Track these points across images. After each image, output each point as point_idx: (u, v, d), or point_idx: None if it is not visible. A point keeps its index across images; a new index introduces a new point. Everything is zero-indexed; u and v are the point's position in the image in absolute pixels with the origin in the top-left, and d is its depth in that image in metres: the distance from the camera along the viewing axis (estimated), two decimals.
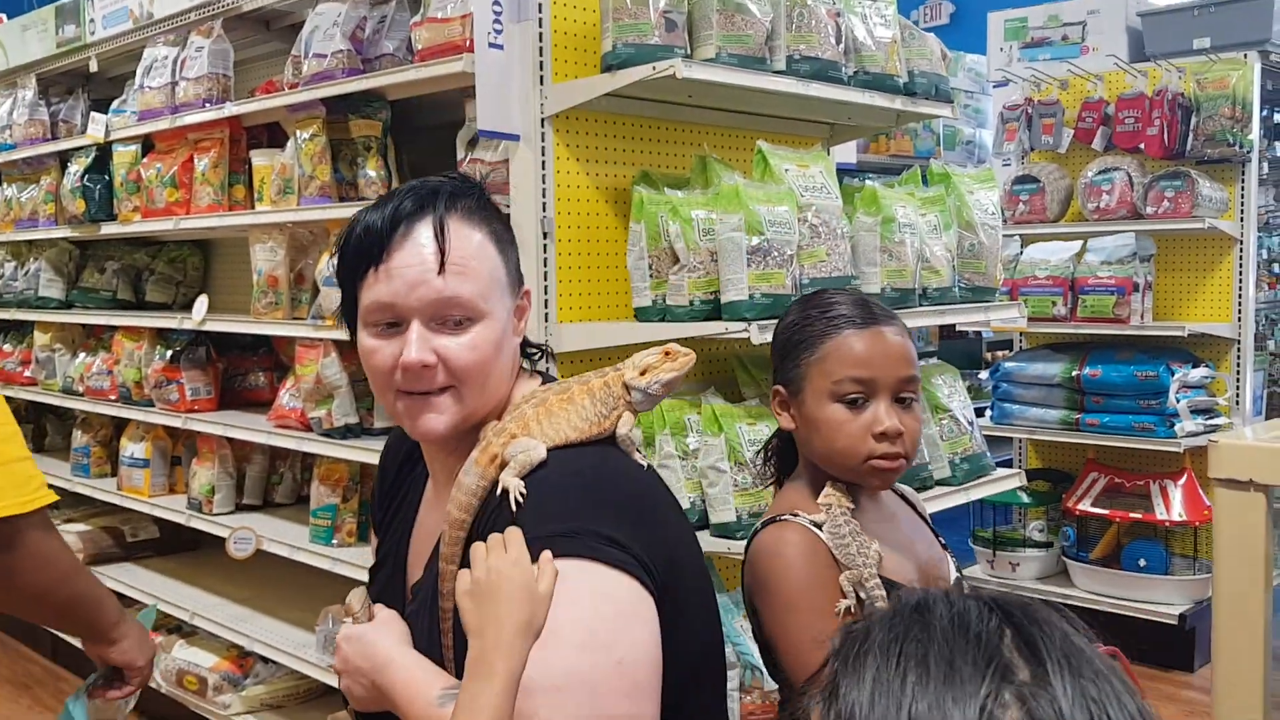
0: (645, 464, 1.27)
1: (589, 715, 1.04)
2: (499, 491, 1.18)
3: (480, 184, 1.34)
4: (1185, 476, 4.10)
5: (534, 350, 1.42)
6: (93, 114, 3.93)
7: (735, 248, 2.09)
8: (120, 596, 3.88)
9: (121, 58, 3.87)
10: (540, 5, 2.25)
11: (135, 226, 3.70)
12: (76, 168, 3.94)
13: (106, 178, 3.86)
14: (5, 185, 4.51)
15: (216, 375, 3.68)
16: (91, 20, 3.92)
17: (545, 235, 2.28)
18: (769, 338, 2.17)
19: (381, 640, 1.24)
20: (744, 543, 2.13)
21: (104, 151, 3.87)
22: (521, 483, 1.17)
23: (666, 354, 1.29)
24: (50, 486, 1.48)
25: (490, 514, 1.17)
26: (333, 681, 2.87)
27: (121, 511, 4.17)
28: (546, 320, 2.27)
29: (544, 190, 2.29)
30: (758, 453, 1.74)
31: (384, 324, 1.24)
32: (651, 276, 2.23)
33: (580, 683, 1.05)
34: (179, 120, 3.39)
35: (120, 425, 4.03)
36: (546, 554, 1.12)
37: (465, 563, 1.18)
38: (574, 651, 1.06)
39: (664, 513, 1.25)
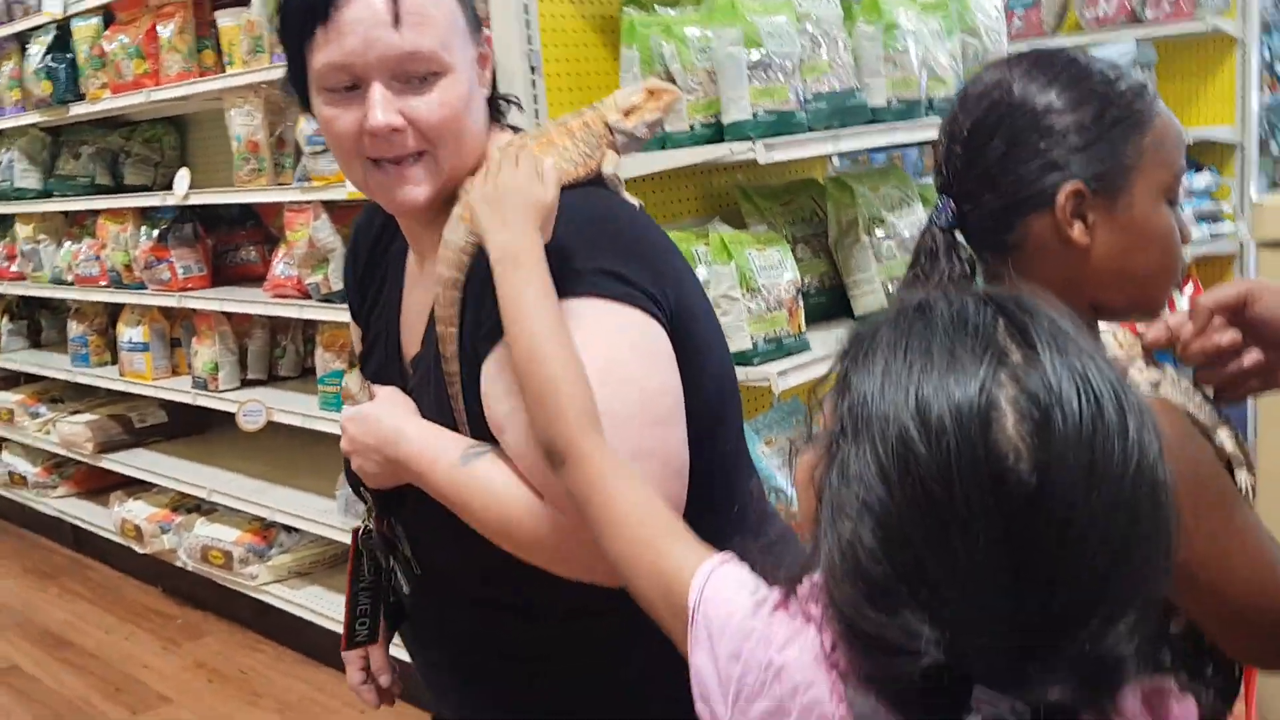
0: (636, 203, 1.20)
1: (618, 449, 1.00)
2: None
3: None
4: (1191, 286, 4.07)
5: (503, 101, 1.29)
6: None
7: (734, 64, 2.01)
8: (134, 481, 3.91)
9: None
10: None
11: (106, 104, 3.58)
12: (37, 48, 3.81)
13: (69, 55, 3.73)
14: None
15: (206, 252, 3.61)
16: None
17: (533, 70, 2.19)
18: (776, 156, 2.12)
19: (386, 415, 1.18)
20: (762, 368, 2.11)
21: (64, 29, 3.73)
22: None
23: (650, 93, 1.18)
24: (51, 379, 1.41)
25: (484, 270, 1.09)
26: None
27: (127, 398, 4.16)
28: None
29: (528, 23, 2.19)
30: None
31: (341, 88, 1.13)
32: None
33: (605, 417, 1.00)
34: None
35: (115, 311, 3.98)
36: (548, 163, 1.08)
37: (464, 326, 1.13)
38: (595, 388, 1.01)
39: (664, 247, 1.18)
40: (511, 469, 1.08)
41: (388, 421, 1.17)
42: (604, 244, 1.10)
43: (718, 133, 2.09)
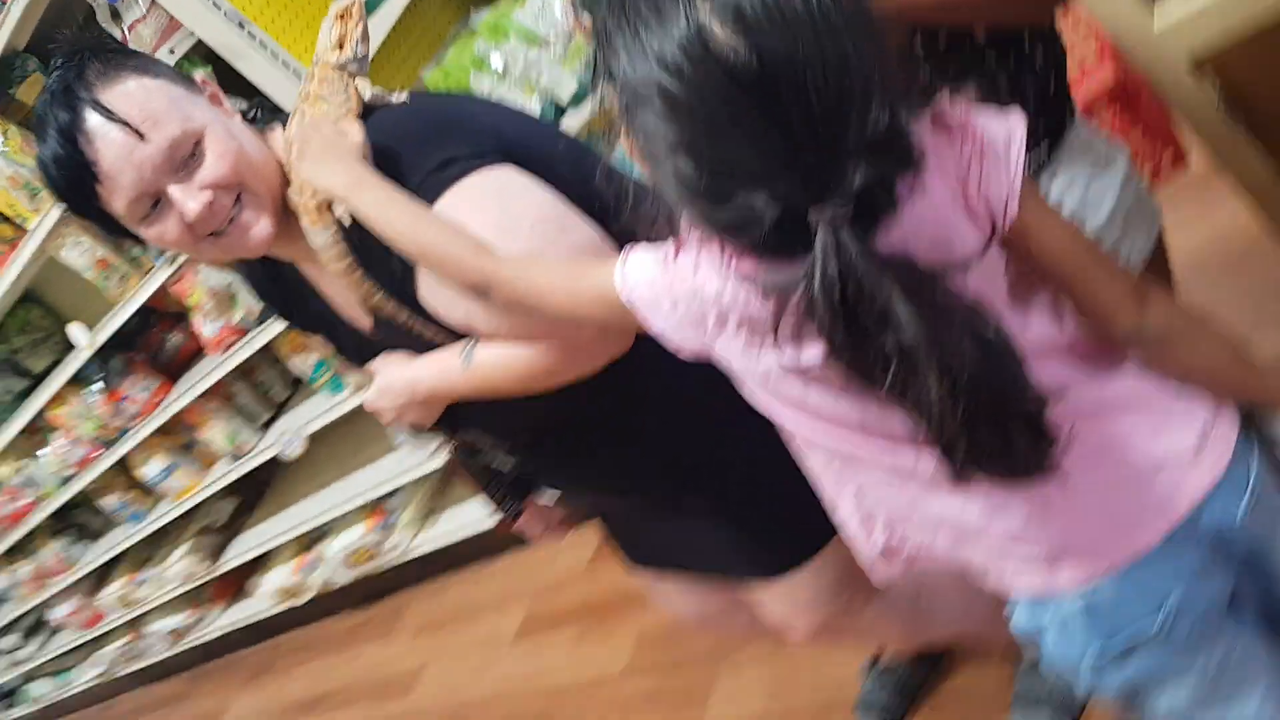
0: (405, 96, 1.32)
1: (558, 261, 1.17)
2: (344, 216, 1.24)
3: (86, 44, 1.30)
4: None
5: (249, 111, 1.42)
6: None
7: None
8: (256, 561, 4.23)
9: None
10: None
11: None
12: None
13: None
14: None
15: (146, 366, 3.79)
16: None
17: (241, 26, 2.30)
18: None
19: (395, 377, 1.35)
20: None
21: None
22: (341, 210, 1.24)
23: (341, 16, 1.28)
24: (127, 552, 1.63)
25: (358, 241, 1.23)
26: (435, 464, 3.20)
27: (194, 513, 4.42)
28: None
29: None
30: None
31: (148, 211, 1.27)
32: None
33: (531, 254, 1.17)
34: None
35: (125, 464, 4.19)
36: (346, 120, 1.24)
37: (384, 287, 1.28)
38: (512, 243, 1.16)
39: (463, 112, 1.33)
40: (496, 341, 1.25)
41: (400, 381, 1.35)
42: (420, 148, 1.23)
43: None
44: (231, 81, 2.39)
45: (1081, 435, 0.92)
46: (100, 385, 3.75)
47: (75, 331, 3.56)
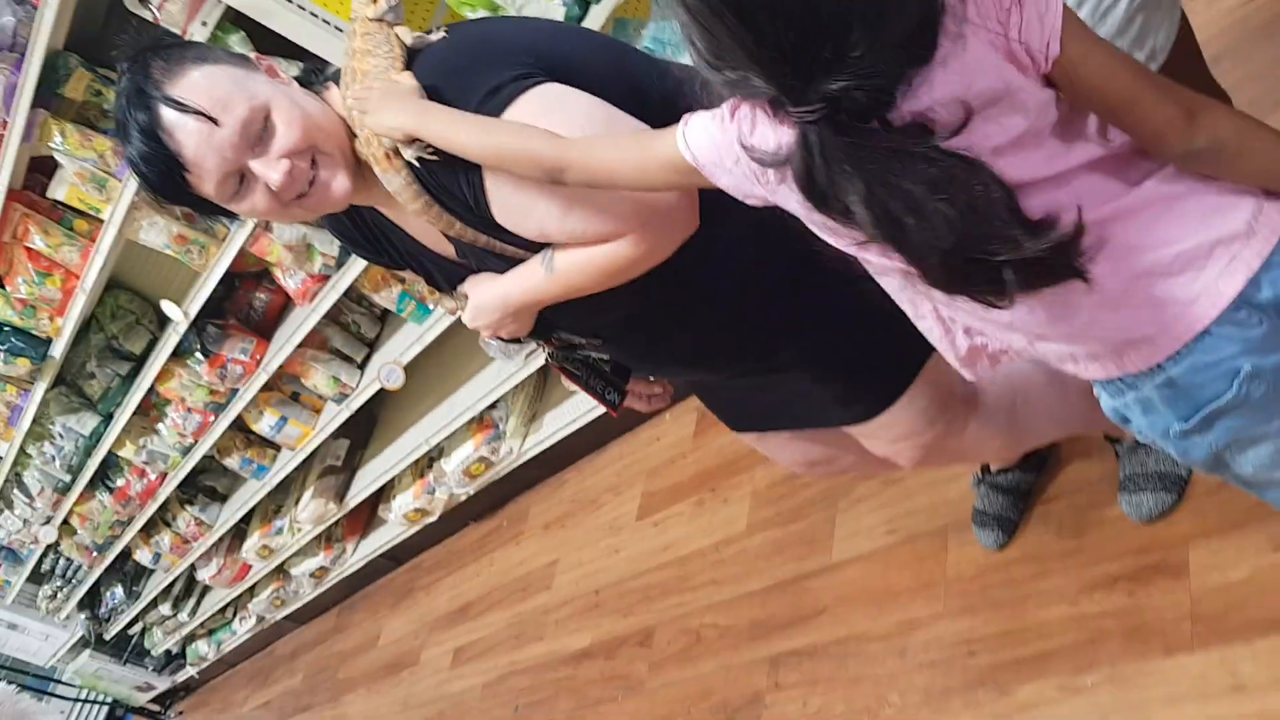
0: (442, 33, 1.38)
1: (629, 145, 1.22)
2: (412, 158, 1.30)
3: (146, 44, 1.37)
4: None
5: (303, 76, 1.49)
6: None
7: None
8: (379, 493, 4.42)
9: None
10: None
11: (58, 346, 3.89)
12: None
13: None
14: None
15: (240, 328, 3.95)
16: None
17: None
18: None
19: (486, 293, 1.42)
20: None
21: None
22: (420, 144, 1.29)
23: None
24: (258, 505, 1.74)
25: (430, 179, 1.32)
26: (530, 369, 3.30)
27: (312, 459, 4.63)
28: None
29: None
30: None
31: (236, 188, 1.36)
32: None
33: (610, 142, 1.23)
34: None
35: (240, 425, 4.37)
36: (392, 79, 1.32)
37: (461, 216, 1.36)
38: (571, 142, 1.22)
39: (503, 36, 1.40)
40: (572, 245, 1.31)
41: (490, 297, 1.43)
42: (466, 81, 1.29)
43: None
44: (270, 44, 2.46)
45: (1128, 231, 0.99)
46: (201, 354, 3.91)
47: (168, 307, 3.71)
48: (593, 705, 3.20)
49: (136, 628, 6.95)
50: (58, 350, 4.08)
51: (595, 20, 2.30)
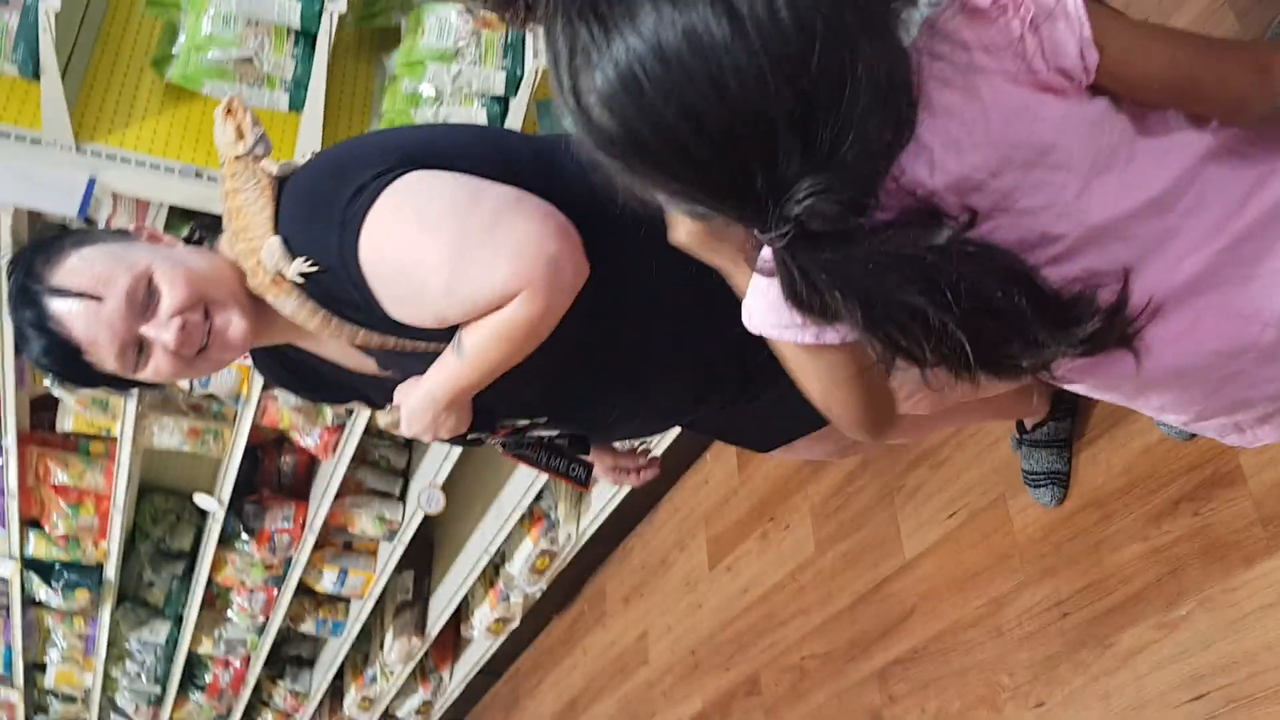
0: (303, 158, 1.40)
1: (486, 227, 1.24)
2: (295, 277, 1.32)
3: (26, 246, 1.42)
4: None
5: (191, 234, 1.52)
6: None
7: None
8: (458, 611, 4.41)
9: None
10: None
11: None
12: None
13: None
14: None
15: (274, 496, 3.97)
16: None
17: None
18: None
19: (414, 397, 1.40)
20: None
21: None
22: (300, 262, 1.31)
23: (227, 113, 1.38)
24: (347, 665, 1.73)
25: (322, 280, 1.31)
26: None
27: (380, 604, 4.63)
28: None
29: None
30: None
31: (135, 359, 1.36)
32: None
33: (468, 239, 1.24)
34: None
35: (303, 588, 4.37)
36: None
37: (362, 323, 1.35)
38: (438, 233, 1.25)
39: (367, 144, 1.44)
40: (474, 323, 1.29)
41: (417, 399, 1.39)
42: (332, 192, 1.30)
43: None
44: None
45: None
46: (246, 534, 3.93)
47: (202, 500, 3.74)
48: None
49: None
50: (110, 572, 4.11)
51: (516, 111, 2.32)
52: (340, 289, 1.31)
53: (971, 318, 0.79)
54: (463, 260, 1.25)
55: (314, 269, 1.30)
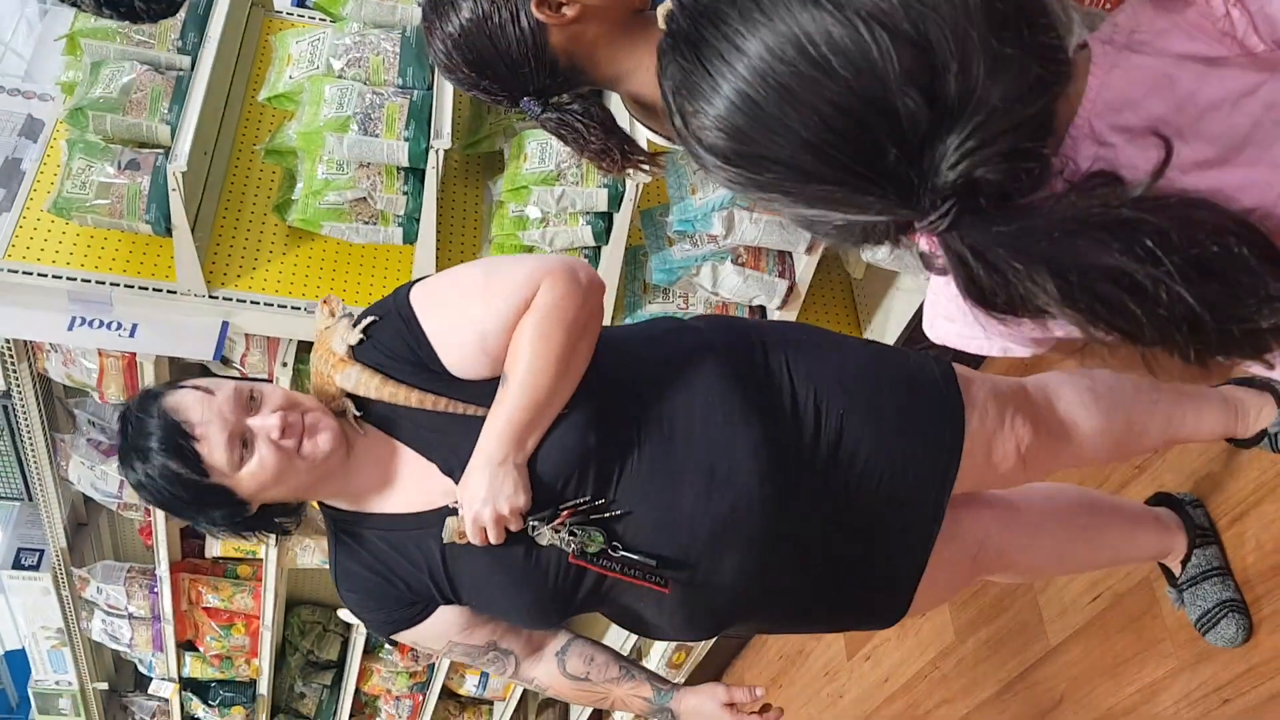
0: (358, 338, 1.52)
1: (511, 260, 1.49)
2: (357, 336, 1.48)
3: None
4: None
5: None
6: None
7: None
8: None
9: None
10: None
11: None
12: None
13: None
14: None
15: None
16: None
17: None
18: None
19: (465, 482, 1.42)
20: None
21: None
22: (360, 325, 1.49)
23: (325, 303, 1.56)
24: None
25: (380, 338, 1.49)
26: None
27: (524, 696, 4.65)
28: None
29: None
30: None
31: (241, 451, 1.42)
32: None
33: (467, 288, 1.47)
34: None
35: (447, 693, 4.41)
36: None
37: (418, 383, 1.46)
38: (473, 267, 1.50)
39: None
40: (511, 347, 1.41)
41: (474, 472, 1.41)
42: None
43: None
44: None
45: None
46: (389, 644, 4.01)
47: (346, 614, 3.83)
48: None
49: None
50: (263, 687, 4.23)
51: (621, 225, 2.37)
52: (394, 339, 1.46)
53: (1189, 278, 0.68)
54: (493, 274, 1.45)
55: (371, 319, 1.47)
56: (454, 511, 1.45)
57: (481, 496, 1.39)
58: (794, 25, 0.70)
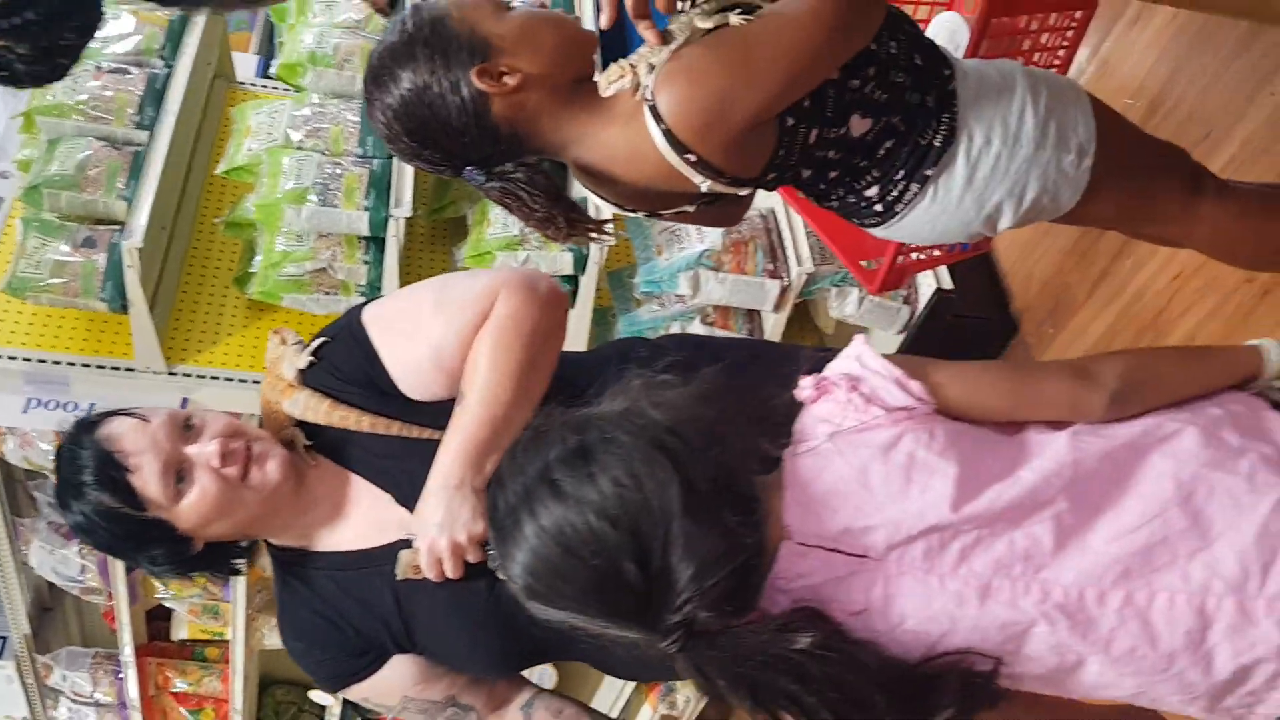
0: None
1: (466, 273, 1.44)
2: (306, 360, 1.40)
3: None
4: None
5: None
6: None
7: None
8: None
9: None
10: None
11: None
12: None
13: None
14: None
15: None
16: None
17: None
18: None
19: (419, 507, 1.32)
20: None
21: None
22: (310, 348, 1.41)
23: (276, 333, 1.46)
24: None
25: (331, 358, 1.39)
26: None
27: None
28: None
29: None
30: None
31: (173, 483, 1.31)
32: None
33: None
34: None
35: None
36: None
37: (369, 407, 1.38)
38: (428, 283, 1.42)
39: None
40: (468, 364, 1.32)
41: (428, 498, 1.30)
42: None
43: None
44: None
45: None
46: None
47: (317, 696, 3.74)
48: None
49: None
50: None
51: (588, 287, 2.35)
52: (345, 359, 1.38)
53: (835, 704, 1.01)
54: (447, 288, 1.39)
55: (322, 341, 1.40)
56: (408, 544, 1.35)
57: (437, 523, 1.29)
58: (550, 519, 1.03)
